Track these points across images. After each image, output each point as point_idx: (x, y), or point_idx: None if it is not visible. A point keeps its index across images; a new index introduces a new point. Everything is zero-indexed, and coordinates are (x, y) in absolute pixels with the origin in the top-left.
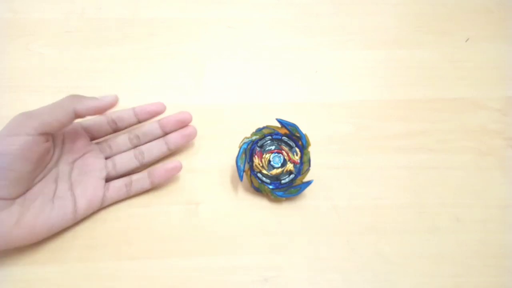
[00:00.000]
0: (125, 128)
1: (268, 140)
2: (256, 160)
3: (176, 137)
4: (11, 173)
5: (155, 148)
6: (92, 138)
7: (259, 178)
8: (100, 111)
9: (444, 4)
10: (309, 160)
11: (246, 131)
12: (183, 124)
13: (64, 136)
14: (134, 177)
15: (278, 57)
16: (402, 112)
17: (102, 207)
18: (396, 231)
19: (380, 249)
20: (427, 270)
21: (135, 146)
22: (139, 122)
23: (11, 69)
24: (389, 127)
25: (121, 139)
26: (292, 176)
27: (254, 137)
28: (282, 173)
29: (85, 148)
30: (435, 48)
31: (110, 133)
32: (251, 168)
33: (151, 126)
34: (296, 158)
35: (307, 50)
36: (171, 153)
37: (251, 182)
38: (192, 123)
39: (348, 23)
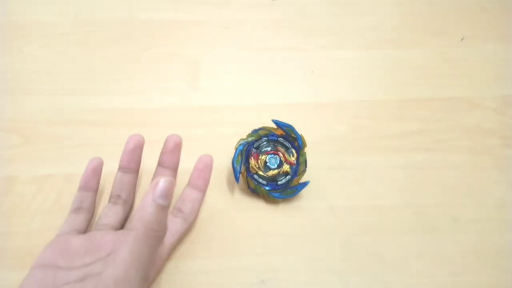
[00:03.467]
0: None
1: (264, 141)
2: (252, 162)
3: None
4: None
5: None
6: None
7: (255, 180)
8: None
9: (439, 3)
10: (305, 161)
11: (242, 133)
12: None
13: None
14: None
15: (274, 57)
16: (397, 112)
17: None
18: (393, 232)
19: (376, 250)
20: (423, 270)
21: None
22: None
23: (5, 72)
24: (385, 127)
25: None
26: (288, 177)
27: (250, 139)
28: (278, 174)
29: None
30: (430, 48)
31: None
32: (248, 169)
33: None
34: (292, 159)
35: (303, 51)
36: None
37: (248, 183)
38: (187, 125)
39: (343, 23)
